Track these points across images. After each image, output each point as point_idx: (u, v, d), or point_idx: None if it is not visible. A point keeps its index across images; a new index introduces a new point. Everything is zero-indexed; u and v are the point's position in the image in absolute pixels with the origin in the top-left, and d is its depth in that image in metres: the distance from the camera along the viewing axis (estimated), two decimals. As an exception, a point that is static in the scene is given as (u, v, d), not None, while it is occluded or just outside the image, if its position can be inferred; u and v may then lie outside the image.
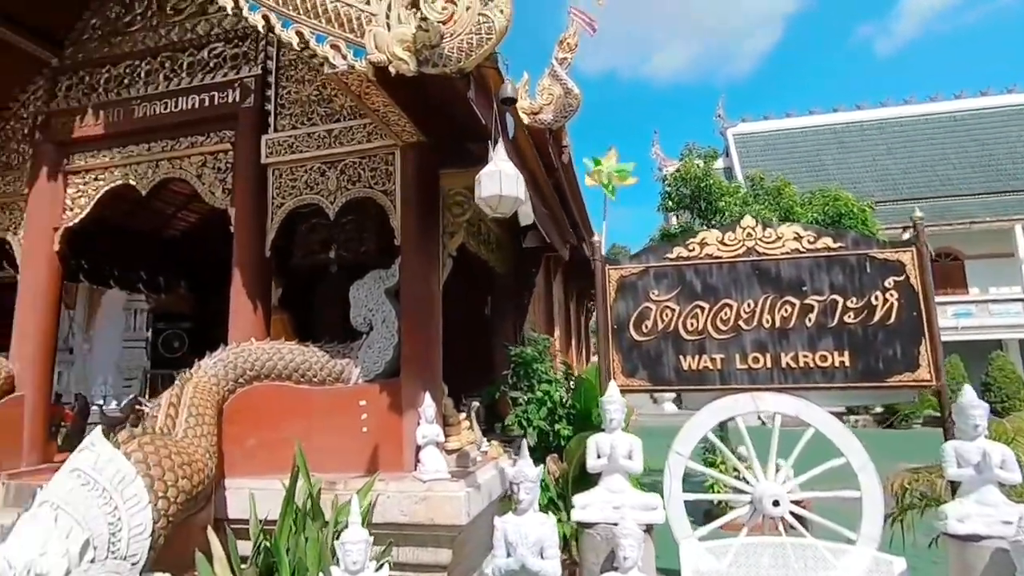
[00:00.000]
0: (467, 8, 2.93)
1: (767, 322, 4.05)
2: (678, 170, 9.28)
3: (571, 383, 5.60)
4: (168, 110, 4.84)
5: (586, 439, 4.56)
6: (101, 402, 9.21)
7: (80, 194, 5.08)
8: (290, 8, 3.27)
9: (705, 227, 9.17)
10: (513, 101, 3.46)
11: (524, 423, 4.89)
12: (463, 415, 4.48)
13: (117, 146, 5.02)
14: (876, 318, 3.88)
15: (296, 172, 4.53)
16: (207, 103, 4.75)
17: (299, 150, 4.50)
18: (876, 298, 3.89)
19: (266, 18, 3.34)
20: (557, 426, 4.90)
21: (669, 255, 4.31)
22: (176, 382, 3.67)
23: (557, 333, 10.30)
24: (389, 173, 4.32)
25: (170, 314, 7.73)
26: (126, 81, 5.07)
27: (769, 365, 4.02)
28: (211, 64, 4.86)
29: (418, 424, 3.78)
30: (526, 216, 4.34)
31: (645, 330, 4.27)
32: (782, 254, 4.09)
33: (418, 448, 3.76)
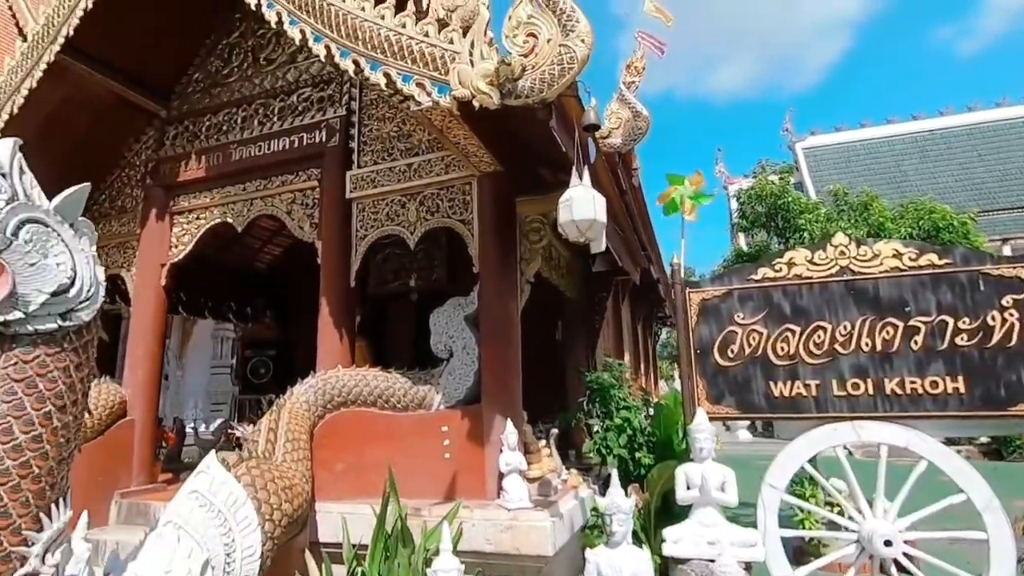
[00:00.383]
0: (548, 40, 3.00)
1: (866, 345, 3.79)
2: (752, 188, 8.96)
3: (649, 409, 5.44)
4: (261, 152, 5.21)
5: (670, 468, 4.40)
6: (193, 425, 9.82)
7: (184, 232, 5.52)
8: (378, 52, 3.46)
9: (784, 246, 8.78)
10: (596, 127, 3.48)
11: (603, 451, 4.78)
12: (543, 442, 4.44)
13: (216, 187, 5.44)
14: (994, 340, 3.55)
15: (378, 205, 4.73)
16: (296, 144, 5.08)
17: (381, 184, 4.71)
18: (993, 318, 3.56)
19: (356, 63, 3.54)
20: (638, 454, 4.76)
21: (754, 276, 4.15)
22: (273, 407, 3.86)
23: (626, 357, 10.10)
24: (466, 203, 4.43)
25: (257, 342, 8.20)
26: (224, 127, 5.51)
27: (871, 392, 3.75)
28: (300, 108, 5.20)
29: (500, 451, 3.77)
30: (600, 242, 4.32)
31: (731, 355, 4.10)
32: (880, 273, 3.84)
33: (501, 476, 3.75)
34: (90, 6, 4.64)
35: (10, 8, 14.06)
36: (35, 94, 4.80)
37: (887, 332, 3.76)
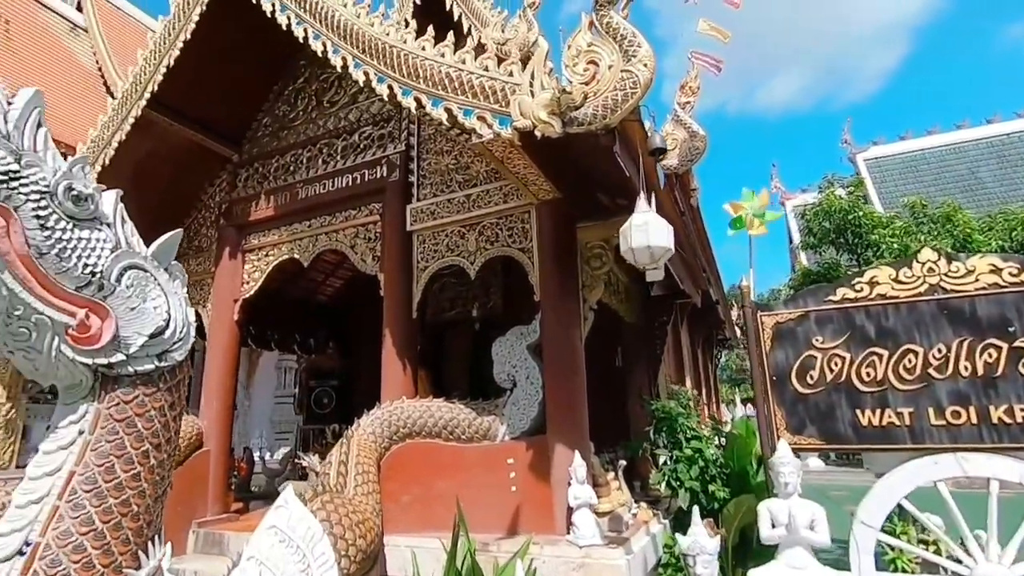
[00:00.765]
0: (609, 67, 2.99)
1: (966, 369, 3.49)
2: (819, 203, 8.55)
3: (720, 439, 5.19)
4: (326, 189, 5.42)
5: (747, 503, 4.15)
6: (259, 454, 10.13)
7: (255, 269, 5.77)
8: (439, 88, 3.55)
9: (856, 264, 8.31)
10: (663, 152, 3.42)
11: (673, 483, 4.57)
12: (611, 474, 4.29)
13: (284, 225, 5.68)
14: (1118, 361, 3.19)
15: (438, 236, 4.80)
16: (359, 180, 5.25)
17: (440, 216, 4.78)
18: (1114, 337, 3.21)
19: (418, 100, 3.64)
20: (711, 487, 4.51)
21: (832, 297, 3.92)
22: (342, 439, 3.90)
23: (688, 382, 9.75)
24: (526, 231, 4.43)
25: (320, 372, 8.43)
26: (291, 168, 5.77)
27: (975, 420, 3.43)
28: (361, 146, 5.39)
29: (569, 484, 3.66)
30: (659, 269, 4.20)
31: (811, 381, 3.86)
32: (976, 290, 3.55)
33: (570, 510, 3.63)
34: (172, 63, 5.00)
35: (99, 68, 15.29)
36: (124, 146, 5.19)
37: (989, 355, 3.45)
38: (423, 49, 3.68)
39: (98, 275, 1.70)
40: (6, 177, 1.53)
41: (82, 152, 5.28)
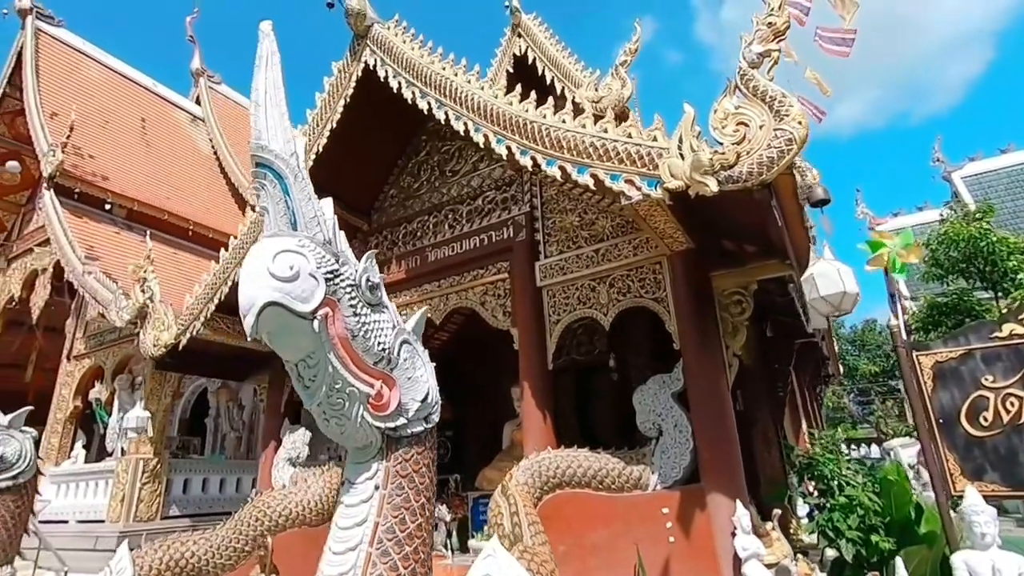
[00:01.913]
0: (760, 127, 3.16)
1: None
2: (945, 232, 8.14)
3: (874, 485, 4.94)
4: (454, 252, 5.83)
5: (919, 555, 3.95)
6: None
7: (388, 328, 6.21)
8: (583, 157, 3.84)
9: (995, 295, 7.79)
10: (827, 202, 3.52)
11: (831, 534, 4.38)
12: (768, 524, 4.20)
13: (414, 286, 6.12)
14: None
15: (568, 290, 5.03)
16: (486, 241, 5.62)
17: (569, 271, 5.02)
18: None
19: (562, 168, 3.95)
20: (873, 538, 4.30)
21: (998, 334, 3.77)
22: (500, 489, 4.08)
23: (803, 424, 9.32)
24: (658, 281, 4.57)
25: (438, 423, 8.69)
26: (418, 233, 6.26)
27: None
28: (485, 209, 5.80)
29: (732, 534, 3.64)
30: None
31: (984, 423, 3.69)
32: None
33: (736, 560, 3.59)
34: (320, 150, 5.65)
35: (214, 152, 16.93)
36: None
37: None
38: (563, 122, 4.01)
39: (387, 351, 2.01)
40: (332, 275, 1.87)
41: (243, 232, 5.99)
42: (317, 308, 1.78)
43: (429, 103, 4.87)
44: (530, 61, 7.76)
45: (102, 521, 8.05)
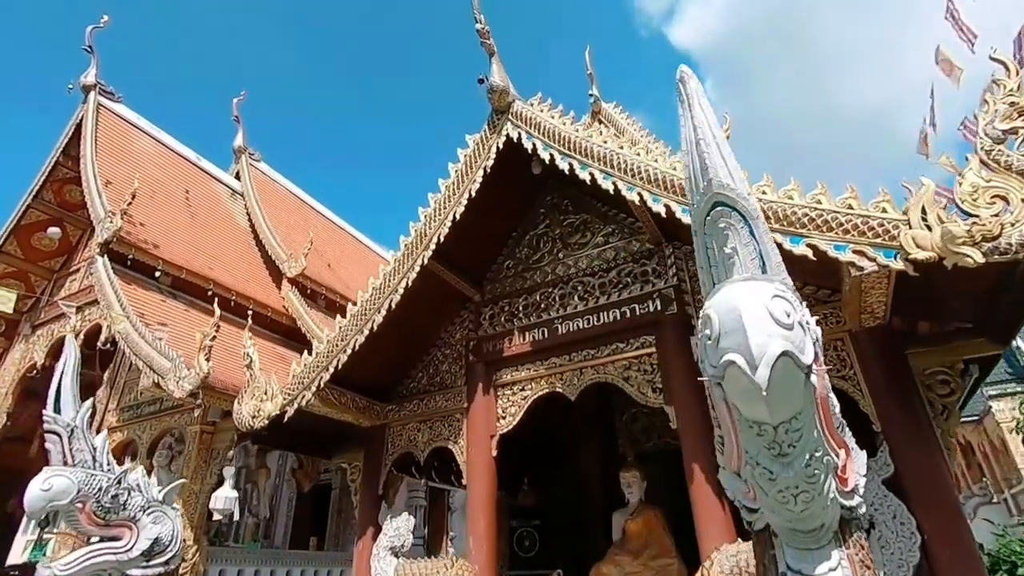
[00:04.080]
0: (1022, 200, 3.12)
1: None
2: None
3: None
4: (590, 324, 5.63)
5: None
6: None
7: (510, 404, 5.88)
8: (797, 227, 3.77)
9: None
10: None
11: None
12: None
13: (539, 360, 5.86)
14: None
15: (732, 367, 4.80)
16: (628, 315, 5.45)
17: (732, 346, 4.82)
18: None
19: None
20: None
21: None
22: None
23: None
24: (842, 359, 4.38)
25: (520, 511, 8.11)
26: (543, 305, 6.09)
27: None
28: (622, 283, 5.68)
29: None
30: None
31: None
32: None
33: None
34: (457, 217, 5.59)
35: (251, 225, 16.84)
36: (408, 292, 5.64)
37: None
38: (764, 193, 3.98)
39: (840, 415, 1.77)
40: (805, 327, 1.67)
41: (364, 298, 5.79)
42: (812, 361, 1.57)
43: (592, 174, 4.87)
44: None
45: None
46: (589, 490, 7.96)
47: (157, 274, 12.07)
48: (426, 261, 5.63)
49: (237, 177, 18.84)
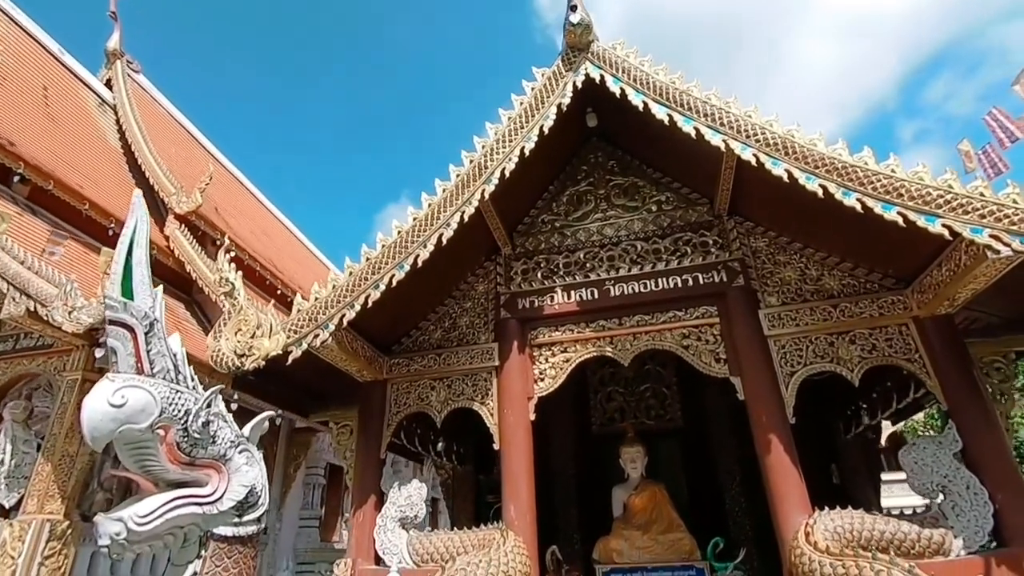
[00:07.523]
0: None
1: None
2: None
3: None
4: (647, 289, 5.39)
5: None
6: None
7: (549, 366, 5.43)
8: (932, 207, 3.89)
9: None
10: None
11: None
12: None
13: (584, 322, 5.49)
14: None
15: (800, 343, 4.88)
16: (689, 283, 5.31)
17: (801, 324, 4.90)
18: None
19: (903, 215, 3.94)
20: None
21: None
22: (810, 547, 3.58)
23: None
24: (907, 343, 4.65)
25: (495, 486, 7.54)
26: (588, 265, 5.72)
27: None
28: (680, 251, 5.52)
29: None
30: None
31: None
32: None
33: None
34: (526, 153, 5.02)
35: (127, 145, 14.27)
36: (461, 227, 4.93)
37: None
38: (893, 171, 4.06)
39: None
40: None
41: (404, 228, 4.95)
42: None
43: (698, 128, 4.63)
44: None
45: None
46: (563, 466, 7.75)
47: (16, 179, 9.55)
48: (486, 195, 4.97)
49: (108, 86, 15.71)
